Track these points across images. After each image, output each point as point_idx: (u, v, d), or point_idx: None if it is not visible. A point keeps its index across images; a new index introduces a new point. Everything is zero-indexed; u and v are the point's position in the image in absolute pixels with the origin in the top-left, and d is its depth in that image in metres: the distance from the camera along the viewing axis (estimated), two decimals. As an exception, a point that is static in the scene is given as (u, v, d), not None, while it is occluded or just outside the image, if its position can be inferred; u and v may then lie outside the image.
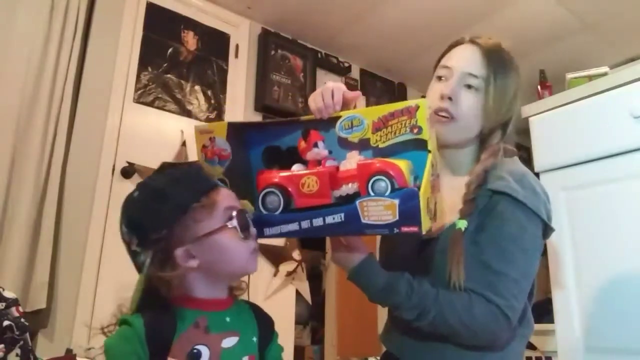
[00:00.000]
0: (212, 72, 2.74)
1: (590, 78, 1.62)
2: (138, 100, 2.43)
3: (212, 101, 2.70)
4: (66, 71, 2.16)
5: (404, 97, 3.69)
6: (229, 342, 0.73)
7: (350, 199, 0.79)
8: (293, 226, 0.80)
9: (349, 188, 0.80)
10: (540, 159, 1.58)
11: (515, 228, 0.90)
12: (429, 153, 0.79)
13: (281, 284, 2.66)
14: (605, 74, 1.59)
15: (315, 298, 2.86)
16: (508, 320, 0.86)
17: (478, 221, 0.93)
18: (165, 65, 2.57)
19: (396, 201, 0.74)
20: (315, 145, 0.85)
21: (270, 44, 2.98)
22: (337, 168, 0.83)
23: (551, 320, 1.48)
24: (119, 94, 2.37)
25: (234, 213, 0.75)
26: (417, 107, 0.78)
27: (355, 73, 3.44)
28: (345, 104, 0.88)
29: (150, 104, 2.47)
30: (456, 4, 2.78)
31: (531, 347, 1.83)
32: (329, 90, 0.87)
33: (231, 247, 0.74)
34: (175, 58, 2.61)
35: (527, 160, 4.64)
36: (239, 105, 2.79)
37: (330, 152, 0.86)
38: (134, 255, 0.75)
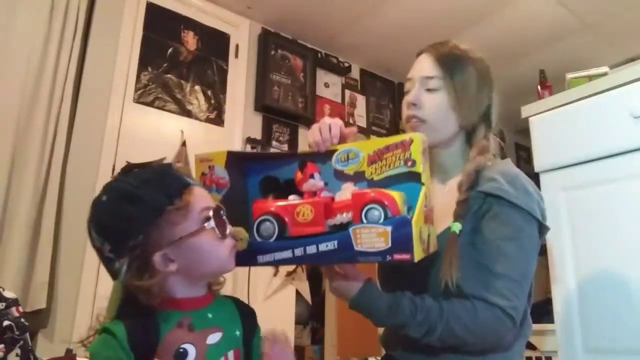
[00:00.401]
0: (212, 72, 2.74)
1: (590, 78, 1.62)
2: (138, 100, 2.43)
3: (212, 101, 2.70)
4: (66, 71, 2.16)
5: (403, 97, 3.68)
6: (213, 338, 0.73)
7: (344, 227, 0.80)
8: (286, 254, 0.81)
9: (343, 217, 0.82)
10: (540, 159, 1.58)
11: (512, 229, 0.90)
12: (423, 185, 0.80)
13: (281, 284, 2.66)
14: (605, 74, 1.59)
15: (315, 298, 2.85)
16: (512, 321, 0.87)
17: (473, 224, 0.93)
18: (165, 65, 2.57)
19: (389, 228, 0.75)
20: (312, 176, 0.87)
21: (270, 44, 2.98)
22: (332, 199, 0.85)
23: (551, 320, 1.48)
24: (119, 94, 2.37)
25: (210, 213, 0.74)
26: (411, 141, 0.80)
27: (355, 73, 3.44)
28: (342, 139, 0.92)
29: (150, 104, 2.47)
30: (456, 4, 2.78)
31: (531, 347, 1.83)
32: (326, 124, 0.90)
33: (210, 248, 0.74)
34: (175, 58, 2.61)
35: (527, 160, 4.63)
36: (239, 105, 2.79)
37: (326, 184, 0.88)
38: (107, 261, 0.73)
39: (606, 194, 1.40)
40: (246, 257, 0.83)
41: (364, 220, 0.78)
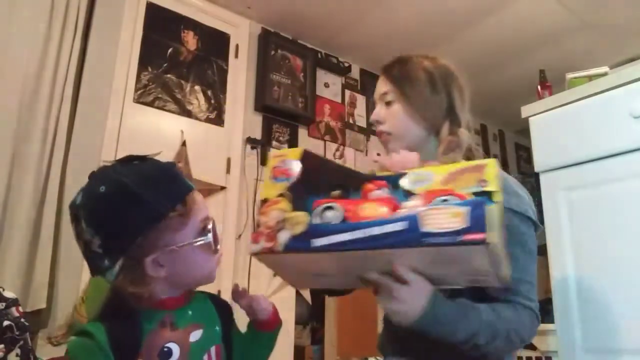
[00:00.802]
0: (212, 72, 2.74)
1: (590, 78, 1.62)
2: (138, 100, 2.43)
3: (212, 101, 2.70)
4: (66, 71, 2.16)
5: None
6: (195, 335, 0.73)
7: None
8: (345, 236, 0.72)
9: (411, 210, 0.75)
10: (540, 159, 1.58)
11: (514, 234, 0.91)
12: (496, 203, 0.72)
13: (281, 284, 2.66)
14: (605, 74, 1.59)
15: (315, 298, 2.85)
16: (539, 322, 0.92)
17: None
18: (165, 65, 2.57)
19: (466, 208, 0.68)
20: (380, 189, 0.81)
21: (270, 44, 2.98)
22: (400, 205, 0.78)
23: (551, 320, 1.48)
24: (119, 94, 2.37)
25: (210, 226, 0.73)
26: (486, 165, 0.75)
27: (355, 73, 3.44)
28: None
29: (150, 104, 2.47)
30: (456, 4, 2.78)
31: (531, 347, 1.83)
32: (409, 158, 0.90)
33: (202, 260, 0.73)
34: (175, 58, 2.61)
35: (527, 160, 4.63)
36: (239, 105, 2.79)
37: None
38: (92, 256, 0.69)
39: (606, 194, 1.40)
40: (299, 243, 0.73)
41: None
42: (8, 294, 1.31)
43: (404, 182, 0.78)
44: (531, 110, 1.64)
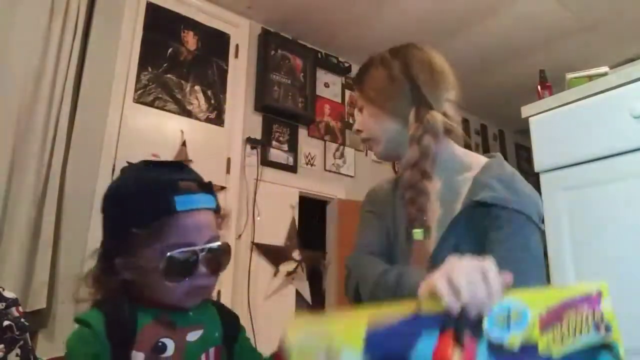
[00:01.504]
0: (212, 72, 2.74)
1: (590, 78, 1.62)
2: (138, 100, 2.43)
3: (212, 101, 2.70)
4: (66, 71, 2.16)
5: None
6: (193, 335, 0.73)
7: None
8: None
9: None
10: (540, 159, 1.58)
11: (521, 239, 0.85)
12: None
13: (281, 284, 2.66)
14: (605, 74, 1.59)
15: (315, 298, 2.85)
16: None
17: (477, 237, 0.87)
18: (165, 65, 2.57)
19: None
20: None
21: (270, 44, 2.98)
22: None
23: (551, 320, 1.48)
24: (119, 94, 2.37)
25: (169, 254, 0.68)
26: (600, 294, 0.60)
27: (355, 73, 3.43)
28: None
29: (150, 104, 2.47)
30: (456, 4, 2.78)
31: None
32: (478, 275, 0.57)
33: (159, 287, 0.71)
34: (175, 58, 2.61)
35: (527, 160, 4.63)
36: (239, 105, 2.79)
37: None
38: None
39: (606, 194, 1.40)
40: None
41: None
42: (8, 294, 1.31)
43: (489, 330, 0.53)
44: (531, 110, 1.64)
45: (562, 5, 2.79)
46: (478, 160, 0.98)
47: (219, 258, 0.74)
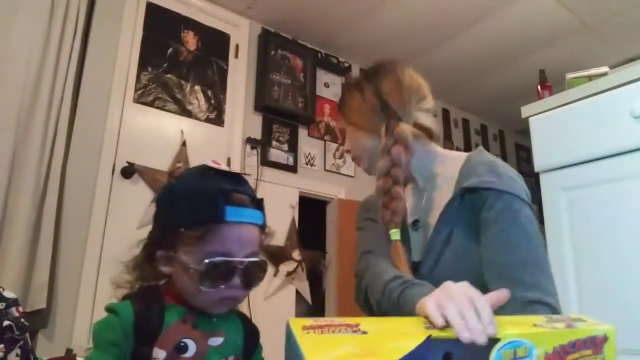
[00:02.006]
0: (212, 72, 2.74)
1: (590, 78, 1.62)
2: (138, 100, 2.43)
3: (212, 101, 2.70)
4: (66, 71, 2.16)
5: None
6: (215, 341, 0.74)
7: None
8: None
9: None
10: (540, 159, 1.58)
11: (510, 215, 0.89)
12: None
13: (281, 284, 2.66)
14: (605, 74, 1.59)
15: (315, 298, 2.85)
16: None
17: (469, 222, 0.93)
18: (165, 65, 2.57)
19: None
20: None
21: (270, 44, 2.98)
22: None
23: (551, 320, 1.48)
24: (119, 94, 2.37)
25: (208, 260, 0.70)
26: (606, 339, 0.61)
27: (355, 73, 3.44)
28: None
29: (150, 104, 2.47)
30: (456, 4, 2.78)
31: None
32: (467, 304, 0.60)
33: (191, 289, 0.72)
34: (175, 58, 2.61)
35: (527, 160, 4.62)
36: (239, 105, 2.79)
37: None
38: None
39: (606, 194, 1.40)
40: None
41: None
42: (8, 294, 1.31)
43: None
44: (531, 110, 1.64)
45: (562, 5, 2.79)
46: (459, 155, 1.05)
47: (254, 273, 0.75)
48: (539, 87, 1.93)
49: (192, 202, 0.72)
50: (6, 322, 1.24)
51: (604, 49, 3.13)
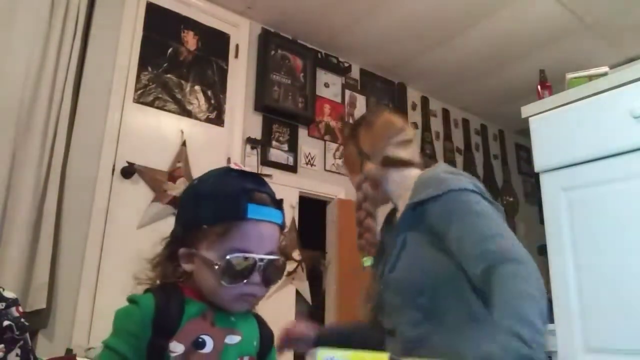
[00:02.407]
0: (212, 72, 2.74)
1: (590, 78, 1.62)
2: (138, 100, 2.43)
3: (212, 101, 2.70)
4: (66, 71, 2.16)
5: (404, 97, 3.69)
6: (232, 339, 0.75)
7: None
8: None
9: None
10: (540, 159, 1.58)
11: (461, 206, 0.98)
12: None
13: (281, 284, 2.66)
14: (605, 74, 1.59)
15: (315, 298, 2.85)
16: (531, 265, 0.88)
17: (419, 227, 1.04)
18: (165, 65, 2.57)
19: None
20: None
21: (270, 44, 2.98)
22: None
23: (551, 320, 1.48)
24: (119, 94, 2.37)
25: (229, 257, 0.72)
26: None
27: (355, 73, 3.44)
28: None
29: (150, 104, 2.47)
30: (456, 4, 2.78)
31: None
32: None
33: (213, 285, 0.73)
34: (175, 58, 2.61)
35: (527, 160, 4.61)
36: (239, 105, 2.79)
37: None
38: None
39: (606, 194, 1.40)
40: None
41: None
42: (8, 294, 1.31)
43: None
44: (531, 110, 1.64)
45: (562, 5, 2.79)
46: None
47: (273, 271, 0.77)
48: (539, 87, 1.93)
49: (216, 200, 0.74)
50: (6, 322, 1.24)
51: (604, 49, 3.13)
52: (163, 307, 0.71)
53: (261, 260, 0.74)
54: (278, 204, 0.79)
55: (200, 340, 0.71)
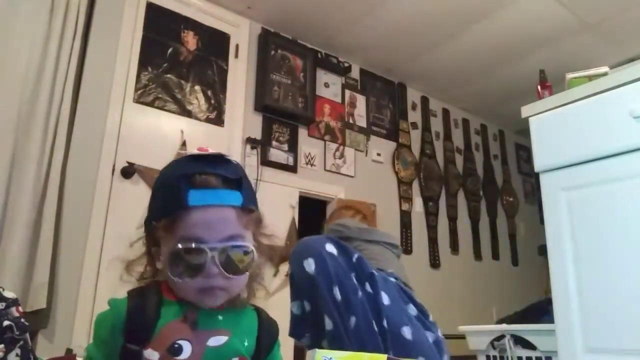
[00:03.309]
0: (212, 72, 2.74)
1: (590, 78, 1.62)
2: (138, 100, 2.43)
3: (212, 101, 2.70)
4: (66, 71, 2.16)
5: (404, 97, 3.69)
6: (215, 340, 0.69)
7: None
8: None
9: None
10: (540, 159, 1.58)
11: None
12: None
13: (281, 284, 2.65)
14: (605, 74, 1.59)
15: (315, 298, 2.86)
16: None
17: None
18: (165, 65, 2.57)
19: None
20: None
21: (270, 44, 2.98)
22: None
23: (551, 320, 1.48)
24: (119, 94, 2.37)
25: (171, 250, 0.67)
26: None
27: (355, 73, 3.44)
28: None
29: (150, 104, 2.47)
30: (456, 4, 2.78)
31: (531, 347, 1.83)
32: None
33: (171, 282, 0.68)
34: (175, 58, 2.61)
35: (527, 160, 4.62)
36: (239, 105, 2.79)
37: None
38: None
39: (606, 194, 1.40)
40: None
41: None
42: (8, 294, 1.31)
43: None
44: (531, 110, 1.64)
45: (562, 5, 2.79)
46: None
47: (235, 259, 0.69)
48: (539, 87, 1.92)
49: (160, 193, 0.71)
50: (6, 322, 1.24)
51: (604, 49, 3.13)
52: (135, 312, 0.66)
53: (212, 249, 0.66)
54: (233, 184, 0.70)
55: (176, 346, 0.66)
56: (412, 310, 1.26)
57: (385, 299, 1.16)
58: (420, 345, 1.15)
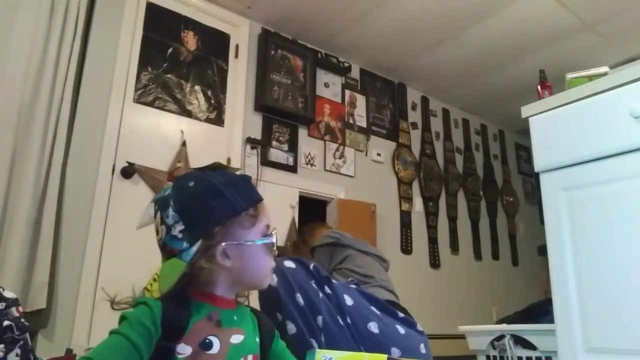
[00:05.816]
0: (212, 72, 2.74)
1: (590, 78, 1.62)
2: (138, 100, 2.43)
3: (212, 101, 2.70)
4: (66, 71, 2.16)
5: (404, 97, 3.69)
6: (236, 338, 0.77)
7: None
8: None
9: None
10: (540, 159, 1.58)
11: None
12: None
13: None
14: (605, 74, 1.59)
15: (315, 298, 2.85)
16: None
17: None
18: (165, 65, 2.57)
19: None
20: None
21: (270, 44, 2.98)
22: None
23: (551, 320, 1.48)
24: (119, 94, 2.37)
25: (274, 231, 0.83)
26: None
27: (355, 73, 3.44)
28: None
29: (150, 104, 2.47)
30: (456, 4, 2.79)
31: (531, 347, 1.83)
32: None
33: (262, 260, 0.82)
34: (175, 58, 2.61)
35: (527, 160, 4.62)
36: (239, 105, 2.79)
37: None
38: (171, 239, 0.77)
39: (606, 194, 1.40)
40: None
41: None
42: (8, 294, 1.31)
43: None
44: (531, 110, 1.64)
45: (562, 5, 2.79)
46: None
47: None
48: (539, 87, 1.92)
49: (237, 187, 0.80)
50: (6, 322, 1.24)
51: (604, 49, 3.13)
52: (169, 310, 0.73)
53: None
54: None
55: (207, 341, 0.73)
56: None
57: (349, 300, 1.27)
58: (390, 337, 1.26)
